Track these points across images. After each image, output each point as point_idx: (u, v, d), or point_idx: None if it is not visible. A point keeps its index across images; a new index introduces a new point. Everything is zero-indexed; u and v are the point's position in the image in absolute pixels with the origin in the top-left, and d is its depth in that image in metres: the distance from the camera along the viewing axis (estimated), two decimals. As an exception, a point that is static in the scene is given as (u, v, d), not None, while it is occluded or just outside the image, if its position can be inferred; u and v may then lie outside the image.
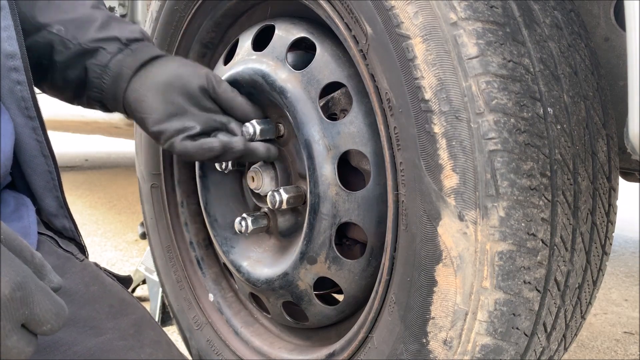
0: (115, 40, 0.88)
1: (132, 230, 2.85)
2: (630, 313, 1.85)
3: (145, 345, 0.75)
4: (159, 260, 1.31)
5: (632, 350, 1.58)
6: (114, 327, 0.74)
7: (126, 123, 1.99)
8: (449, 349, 0.70)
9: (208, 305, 1.21)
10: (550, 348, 0.78)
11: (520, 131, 0.65)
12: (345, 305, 0.93)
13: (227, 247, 1.09)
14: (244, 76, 0.95)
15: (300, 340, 1.07)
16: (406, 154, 0.71)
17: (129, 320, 0.77)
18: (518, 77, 0.65)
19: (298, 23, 0.94)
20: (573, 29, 0.74)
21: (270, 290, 0.99)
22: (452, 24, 0.65)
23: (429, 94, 0.66)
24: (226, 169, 1.05)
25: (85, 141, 7.62)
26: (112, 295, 0.78)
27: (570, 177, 0.69)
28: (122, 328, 0.75)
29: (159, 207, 1.28)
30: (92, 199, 3.72)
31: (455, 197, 0.66)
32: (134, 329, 0.76)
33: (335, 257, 0.87)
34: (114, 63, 0.87)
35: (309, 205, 0.86)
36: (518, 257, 0.66)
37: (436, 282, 0.69)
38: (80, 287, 0.75)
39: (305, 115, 0.86)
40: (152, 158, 1.26)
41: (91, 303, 0.75)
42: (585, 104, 0.72)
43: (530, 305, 0.70)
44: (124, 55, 0.88)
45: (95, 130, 2.96)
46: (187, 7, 1.10)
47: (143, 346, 0.75)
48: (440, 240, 0.68)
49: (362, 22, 0.73)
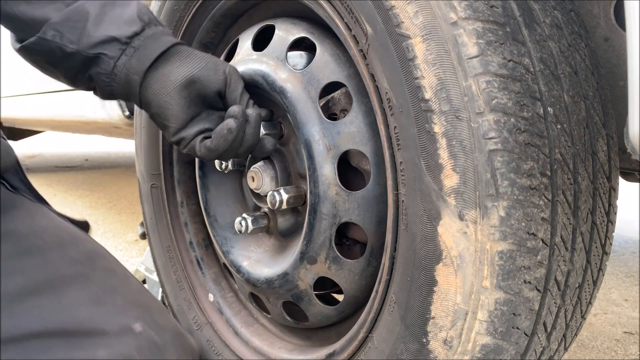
0: (114, 42, 0.81)
1: (132, 230, 2.85)
2: (630, 313, 1.85)
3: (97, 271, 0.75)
4: (159, 260, 1.31)
5: (632, 350, 1.58)
6: (62, 257, 0.73)
7: (126, 123, 1.99)
8: (449, 349, 0.70)
9: (208, 306, 1.21)
10: (550, 348, 0.78)
11: (521, 131, 0.65)
12: (345, 305, 0.93)
13: (227, 247, 1.09)
14: (244, 76, 0.95)
15: (300, 340, 1.07)
16: (406, 154, 0.71)
17: (79, 250, 0.76)
18: (518, 76, 0.65)
19: (298, 23, 0.94)
20: (573, 28, 0.74)
21: (270, 290, 0.99)
22: (452, 24, 0.65)
23: (429, 93, 0.67)
24: (226, 169, 1.05)
25: (85, 141, 7.62)
26: (62, 229, 0.78)
27: (571, 177, 0.69)
28: (71, 257, 0.74)
29: (159, 207, 1.28)
30: (92, 199, 3.72)
31: (456, 196, 0.66)
32: (84, 257, 0.76)
33: (335, 257, 0.87)
34: (118, 68, 0.82)
35: (309, 205, 0.86)
36: (518, 257, 0.66)
37: (436, 281, 0.69)
38: (27, 220, 0.75)
39: (305, 115, 0.86)
40: (152, 158, 1.26)
41: (39, 234, 0.74)
42: (586, 104, 0.72)
43: (531, 305, 0.70)
44: (127, 57, 0.82)
45: (95, 130, 2.96)
46: (187, 7, 1.10)
47: (95, 272, 0.74)
48: (440, 240, 0.68)
49: (362, 22, 0.73)
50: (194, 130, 0.86)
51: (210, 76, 0.85)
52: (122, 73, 0.83)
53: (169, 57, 0.84)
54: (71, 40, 0.80)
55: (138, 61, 0.82)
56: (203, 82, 0.85)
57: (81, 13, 0.80)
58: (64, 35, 0.79)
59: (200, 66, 0.85)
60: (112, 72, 0.82)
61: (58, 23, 0.79)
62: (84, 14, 0.80)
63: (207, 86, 0.85)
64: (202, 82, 0.85)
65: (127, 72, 0.82)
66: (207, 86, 0.85)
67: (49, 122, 2.95)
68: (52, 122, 2.96)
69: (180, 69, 0.84)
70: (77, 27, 0.80)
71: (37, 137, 5.18)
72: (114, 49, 0.81)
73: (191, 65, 0.85)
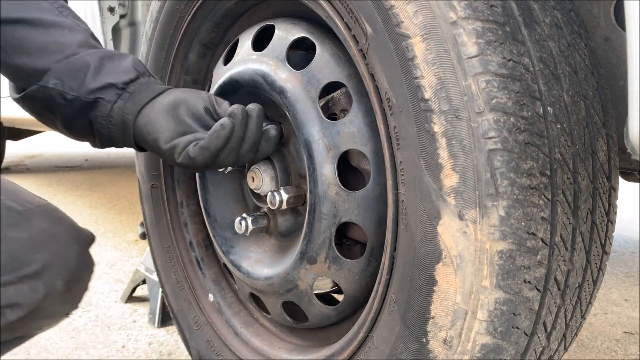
0: (111, 87, 0.88)
1: (132, 230, 2.85)
2: (630, 313, 1.85)
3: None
4: (159, 261, 1.31)
5: (632, 350, 1.58)
6: None
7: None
8: (449, 349, 0.70)
9: (208, 306, 1.21)
10: (550, 347, 0.78)
11: (520, 130, 0.65)
12: (345, 305, 0.93)
13: (227, 247, 1.09)
14: (244, 76, 0.95)
15: (300, 340, 1.07)
16: (406, 154, 0.71)
17: None
18: (518, 76, 0.65)
19: (298, 23, 0.94)
20: (573, 28, 0.74)
21: (270, 290, 0.99)
22: (452, 23, 0.65)
23: (429, 93, 0.67)
24: (226, 168, 1.05)
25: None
26: None
27: (570, 177, 0.69)
28: None
29: (159, 207, 1.28)
30: (92, 199, 3.72)
31: (455, 196, 0.66)
32: None
33: (335, 257, 0.87)
34: (115, 111, 0.88)
35: (309, 205, 0.86)
36: (518, 256, 0.66)
37: (436, 281, 0.69)
38: None
39: (305, 115, 0.86)
40: (152, 158, 1.26)
41: None
42: (585, 103, 0.72)
43: (530, 305, 0.69)
44: (124, 101, 0.88)
45: (95, 130, 2.96)
46: (187, 7, 1.10)
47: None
48: (440, 240, 0.68)
49: (362, 22, 0.73)
50: (187, 138, 0.88)
51: (194, 96, 0.92)
52: (118, 115, 0.89)
53: (158, 98, 0.91)
54: (72, 88, 0.86)
55: (133, 104, 0.89)
56: (188, 102, 0.90)
57: (82, 64, 0.87)
58: (65, 83, 0.86)
59: (184, 91, 0.93)
60: (109, 114, 0.89)
61: (60, 72, 0.86)
62: (84, 64, 0.87)
63: (193, 105, 0.90)
64: (187, 102, 0.90)
65: (122, 113, 0.89)
66: (193, 105, 0.90)
67: (49, 122, 2.94)
68: (52, 122, 2.95)
69: (165, 98, 0.91)
70: (78, 76, 0.86)
71: (37, 137, 5.18)
72: (111, 94, 0.88)
73: (174, 93, 0.91)
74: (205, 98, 0.91)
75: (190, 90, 0.94)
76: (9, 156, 5.80)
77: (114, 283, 2.08)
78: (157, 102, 0.90)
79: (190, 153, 0.86)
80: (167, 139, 0.88)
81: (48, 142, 7.20)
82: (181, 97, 0.90)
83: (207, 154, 0.86)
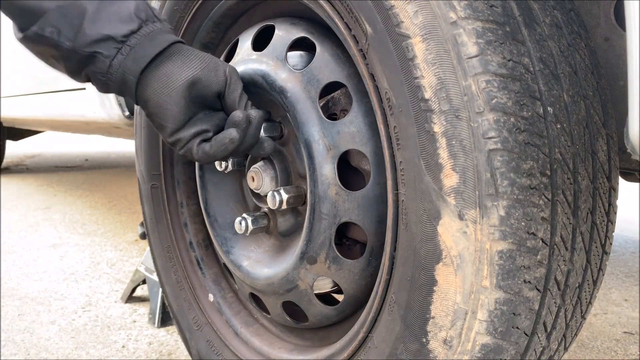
0: (109, 40, 0.79)
1: (132, 230, 2.85)
2: (630, 313, 1.85)
3: None
4: (159, 261, 1.31)
5: (632, 350, 1.58)
6: None
7: (126, 123, 1.99)
8: (449, 349, 0.70)
9: (208, 306, 1.21)
10: (550, 348, 0.78)
11: (520, 130, 0.65)
12: (345, 305, 0.93)
13: (227, 247, 1.09)
14: (244, 76, 0.95)
15: (300, 340, 1.07)
16: (406, 154, 0.71)
17: None
18: (518, 76, 0.65)
19: (298, 23, 0.94)
20: (573, 28, 0.74)
21: (270, 290, 0.99)
22: (452, 23, 0.65)
23: (429, 93, 0.67)
24: (226, 169, 1.05)
25: (85, 141, 7.62)
26: None
27: (570, 177, 0.69)
28: None
29: (159, 207, 1.28)
30: (92, 199, 3.72)
31: (455, 196, 0.66)
32: None
33: (335, 257, 0.87)
34: (114, 68, 0.81)
35: (309, 205, 0.86)
36: (518, 256, 0.66)
37: (436, 281, 0.69)
38: None
39: (305, 115, 0.86)
40: (152, 158, 1.26)
41: None
42: (585, 104, 0.72)
43: (531, 305, 0.69)
44: (123, 56, 0.80)
45: (95, 130, 2.96)
46: (187, 7, 1.10)
47: None
48: (440, 240, 0.68)
49: (362, 22, 0.73)
50: (192, 131, 0.85)
51: (211, 77, 0.85)
52: (117, 72, 0.81)
53: (170, 56, 0.83)
54: (68, 38, 0.78)
55: (134, 61, 0.81)
56: (204, 84, 0.84)
57: (78, 9, 0.78)
58: (62, 32, 0.78)
59: (202, 67, 0.84)
60: (107, 71, 0.81)
61: (55, 19, 0.78)
62: (81, 10, 0.78)
63: (208, 87, 0.85)
64: (203, 83, 0.84)
65: (122, 71, 0.81)
66: (208, 87, 0.85)
67: (49, 122, 2.95)
68: (52, 122, 2.96)
69: (181, 70, 0.83)
70: (74, 23, 0.78)
71: (37, 137, 5.18)
72: (109, 48, 0.80)
73: (193, 66, 0.83)
74: (220, 81, 0.85)
75: (208, 65, 0.85)
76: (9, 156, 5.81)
77: (114, 283, 2.09)
78: (167, 75, 0.82)
79: (193, 153, 0.86)
80: (172, 131, 0.85)
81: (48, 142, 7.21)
82: (196, 78, 0.83)
83: (211, 160, 0.87)
